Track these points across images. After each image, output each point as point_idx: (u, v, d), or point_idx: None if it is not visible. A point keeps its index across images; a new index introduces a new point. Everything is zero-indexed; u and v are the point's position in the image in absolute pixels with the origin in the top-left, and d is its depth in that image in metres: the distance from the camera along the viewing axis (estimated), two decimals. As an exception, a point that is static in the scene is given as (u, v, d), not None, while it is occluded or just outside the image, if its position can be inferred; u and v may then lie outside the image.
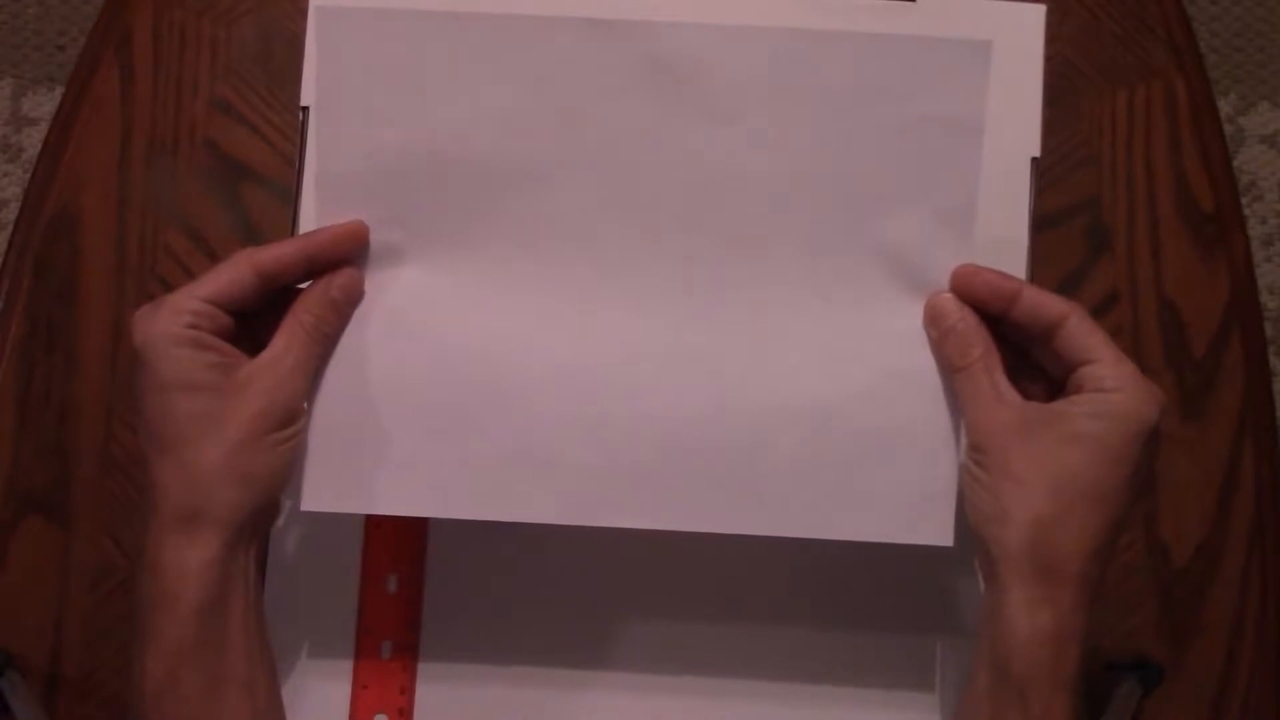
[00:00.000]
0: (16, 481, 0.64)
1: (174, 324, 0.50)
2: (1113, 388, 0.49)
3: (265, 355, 0.52)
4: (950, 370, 0.53)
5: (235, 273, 0.51)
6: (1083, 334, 0.50)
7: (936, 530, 0.54)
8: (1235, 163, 1.37)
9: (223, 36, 0.68)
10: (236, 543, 0.49)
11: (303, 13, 0.68)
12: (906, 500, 0.54)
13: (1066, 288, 0.67)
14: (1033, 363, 0.54)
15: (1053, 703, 0.47)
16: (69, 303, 0.65)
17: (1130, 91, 0.69)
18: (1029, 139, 0.67)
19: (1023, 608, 0.48)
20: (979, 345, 0.52)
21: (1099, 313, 0.67)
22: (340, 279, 0.54)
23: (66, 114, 0.67)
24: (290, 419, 0.51)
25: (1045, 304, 0.51)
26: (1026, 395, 0.52)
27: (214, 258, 0.66)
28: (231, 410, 0.50)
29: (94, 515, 0.63)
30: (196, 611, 0.48)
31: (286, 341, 0.52)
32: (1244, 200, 1.31)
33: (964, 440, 0.52)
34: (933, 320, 0.54)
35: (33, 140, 1.35)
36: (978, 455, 0.51)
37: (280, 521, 0.61)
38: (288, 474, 0.52)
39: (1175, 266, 0.68)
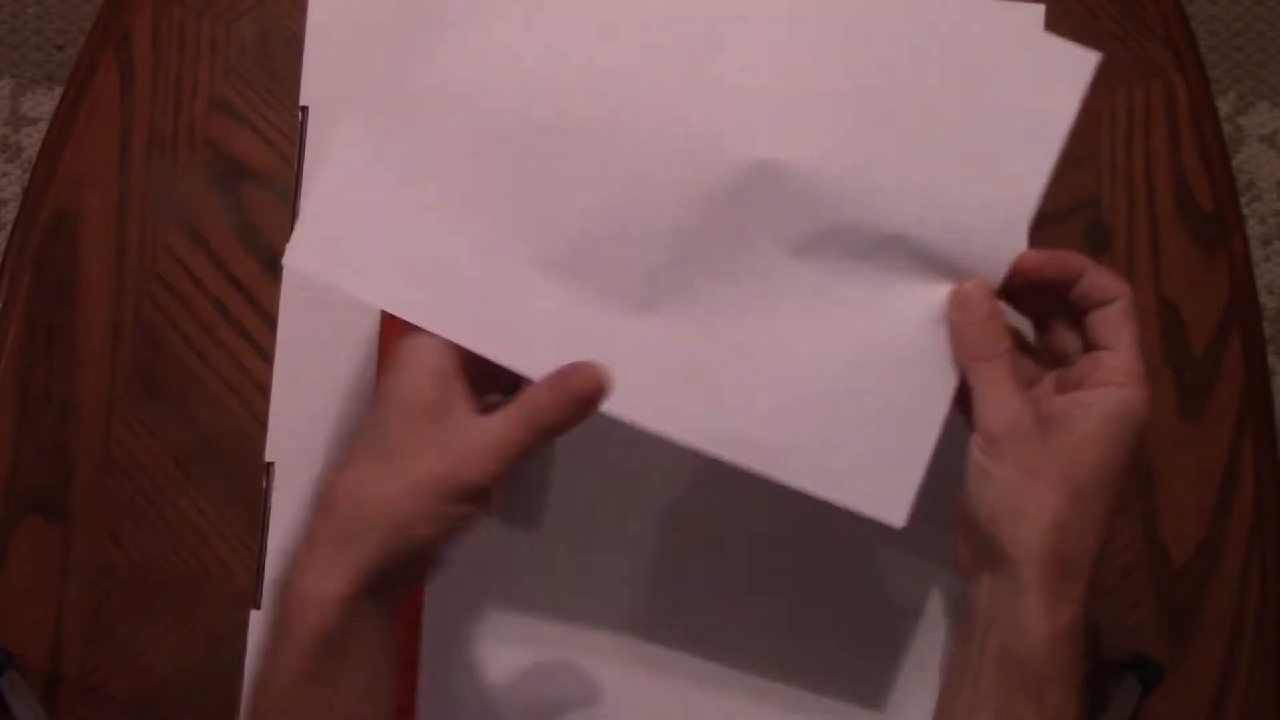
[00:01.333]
0: (16, 481, 0.64)
1: (434, 346, 0.48)
2: (1121, 383, 0.49)
3: (481, 422, 0.48)
4: (973, 359, 0.51)
5: None
6: (1119, 319, 0.50)
7: (892, 508, 0.51)
8: (1234, 162, 1.37)
9: (222, 36, 0.68)
10: (373, 586, 0.47)
11: (303, 12, 0.68)
12: (872, 469, 0.52)
13: (1066, 287, 0.67)
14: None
15: (1068, 699, 0.48)
16: (69, 303, 0.65)
17: (1129, 91, 0.69)
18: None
19: (1045, 608, 0.47)
20: (1008, 339, 0.51)
21: (1098, 312, 0.67)
22: (583, 379, 0.49)
23: (66, 114, 0.67)
24: (473, 497, 0.48)
25: (1101, 285, 0.51)
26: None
27: (213, 257, 0.66)
28: (422, 454, 0.47)
29: (94, 515, 0.64)
30: (318, 642, 0.46)
31: (503, 418, 0.48)
32: (1243, 200, 1.30)
33: (975, 434, 0.50)
34: (960, 307, 0.51)
35: (32, 140, 1.35)
36: (992, 448, 0.49)
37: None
38: (446, 546, 0.49)
39: (1175, 266, 0.68)
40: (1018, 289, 0.52)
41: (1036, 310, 0.54)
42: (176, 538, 0.63)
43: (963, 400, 0.51)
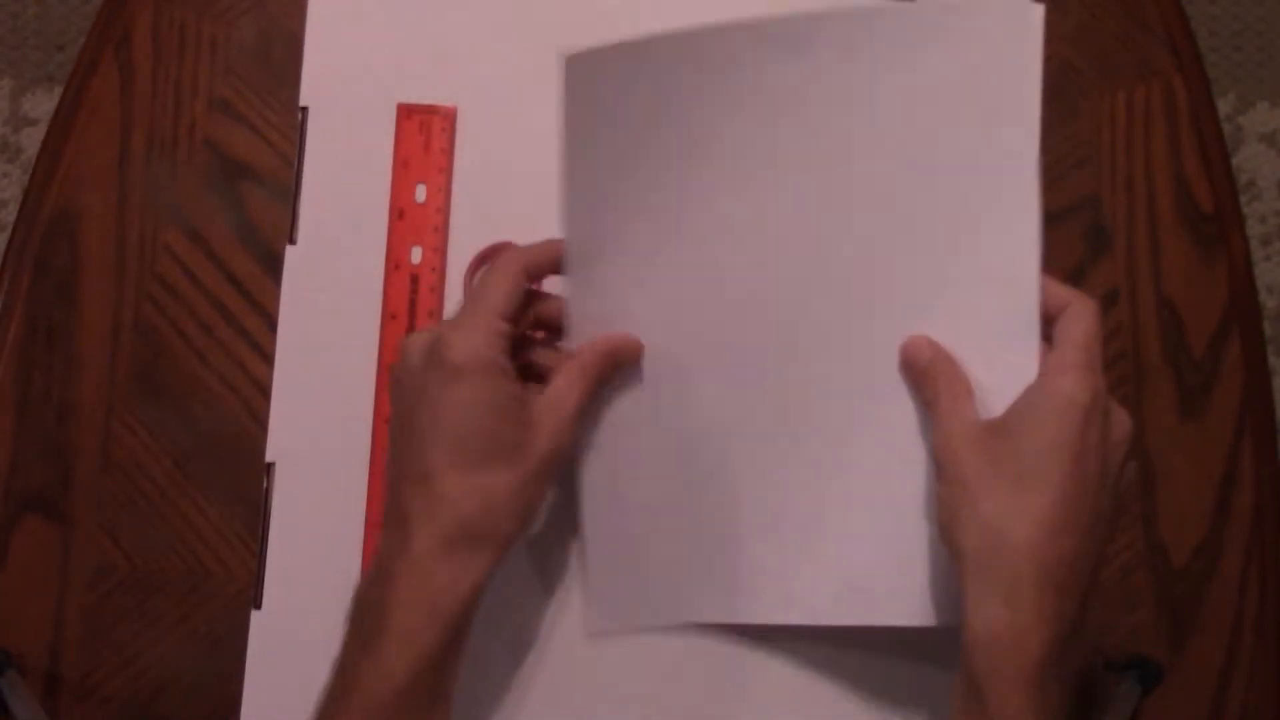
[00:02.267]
0: (16, 481, 0.64)
1: (492, 347, 0.52)
2: (1052, 375, 0.50)
3: (550, 396, 0.54)
4: (926, 399, 0.54)
5: (511, 282, 0.54)
6: (1067, 322, 0.51)
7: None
8: (1234, 162, 1.37)
9: (222, 36, 0.68)
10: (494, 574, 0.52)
11: (303, 12, 0.68)
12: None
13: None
14: None
15: (1009, 699, 0.47)
16: (69, 303, 0.65)
17: (1129, 91, 0.69)
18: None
19: (975, 605, 0.48)
20: (942, 378, 0.53)
21: (1098, 312, 0.67)
22: (625, 338, 0.56)
23: (66, 114, 0.67)
24: (564, 462, 0.54)
25: (1053, 294, 0.53)
26: None
27: (214, 257, 0.66)
28: (529, 444, 0.52)
29: (94, 515, 0.64)
30: (457, 626, 0.50)
31: (569, 384, 0.54)
32: (1243, 200, 1.30)
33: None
34: (907, 365, 0.55)
35: (32, 140, 1.35)
36: (938, 472, 0.52)
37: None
38: (541, 506, 0.54)
39: (1174, 266, 0.68)
40: None
41: None
42: (176, 538, 0.63)
43: None
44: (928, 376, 0.54)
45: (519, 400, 0.52)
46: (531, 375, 0.57)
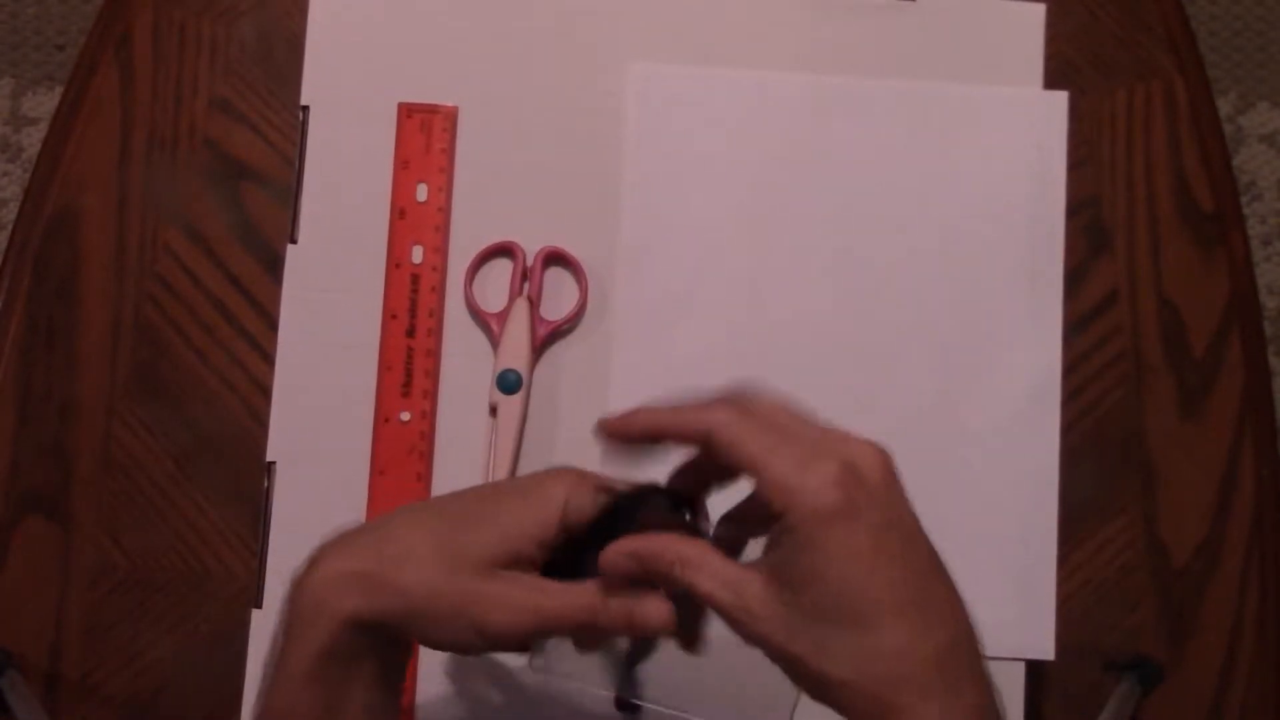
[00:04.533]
0: (16, 481, 0.64)
1: (567, 509, 0.46)
2: (783, 508, 0.42)
3: (544, 585, 0.46)
4: (679, 591, 0.45)
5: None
6: (730, 447, 0.43)
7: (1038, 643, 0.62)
8: (1235, 162, 1.37)
9: (223, 36, 0.68)
10: (381, 628, 0.46)
11: (303, 12, 0.68)
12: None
13: (1067, 287, 0.67)
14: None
15: None
16: (69, 302, 0.65)
17: (1130, 91, 0.69)
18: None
19: None
20: (671, 557, 0.44)
21: (1099, 312, 0.67)
22: (650, 616, 0.46)
23: (66, 114, 0.67)
24: (491, 636, 0.46)
25: (683, 423, 0.45)
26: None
27: (213, 257, 0.66)
28: (484, 578, 0.45)
29: (94, 515, 0.63)
30: (330, 659, 0.45)
31: (561, 593, 0.46)
32: (1243, 200, 1.30)
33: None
34: (618, 574, 0.46)
35: (33, 140, 1.35)
36: (764, 655, 0.44)
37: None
38: (446, 649, 0.48)
39: (1175, 266, 0.68)
40: (683, 482, 0.48)
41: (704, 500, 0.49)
42: (176, 538, 0.63)
43: None
44: (653, 570, 0.45)
45: (526, 561, 0.46)
46: None
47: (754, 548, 0.47)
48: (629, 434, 0.46)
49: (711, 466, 0.47)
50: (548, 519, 0.46)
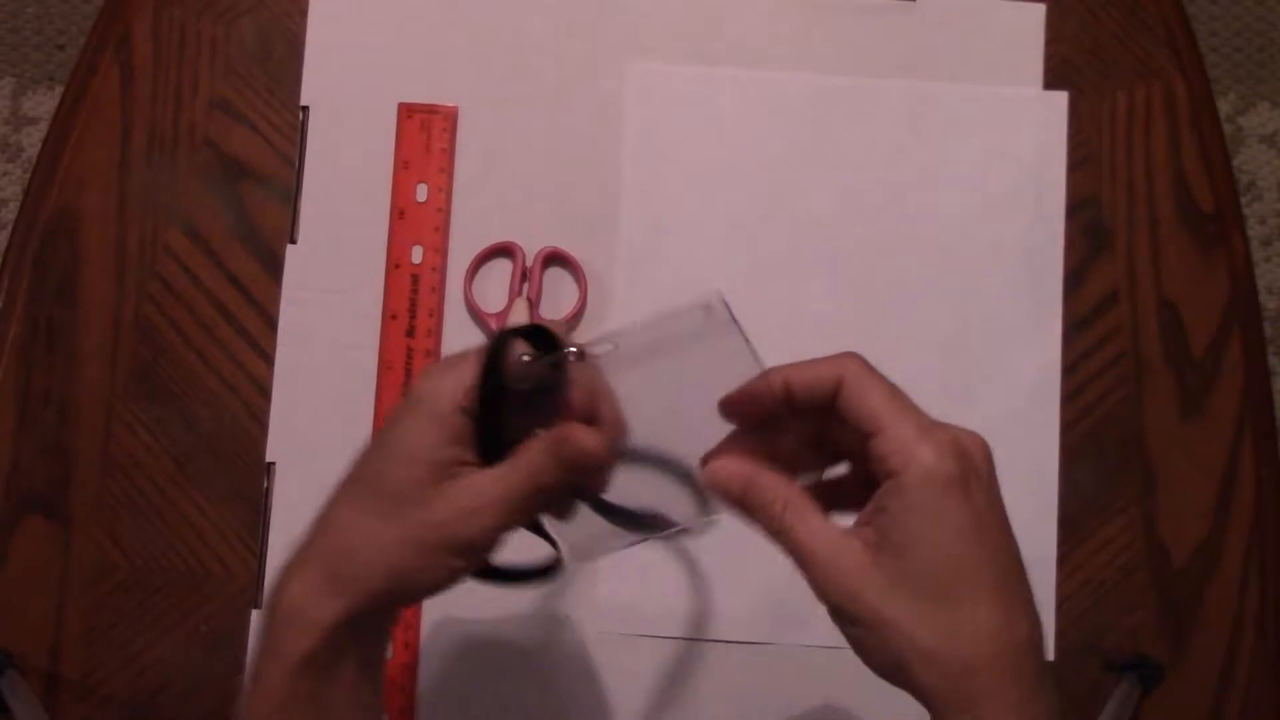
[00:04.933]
0: (16, 481, 0.64)
1: (451, 397, 0.46)
2: (900, 465, 0.42)
3: (481, 478, 0.46)
4: (770, 534, 0.45)
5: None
6: (859, 397, 0.44)
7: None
8: (1235, 163, 1.37)
9: (223, 36, 0.68)
10: (364, 619, 0.46)
11: (303, 12, 0.68)
12: None
13: (1067, 287, 0.67)
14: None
15: None
16: (68, 302, 0.65)
17: (1130, 91, 0.69)
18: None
19: None
20: (779, 497, 0.45)
21: (1099, 312, 0.67)
22: (579, 441, 0.45)
23: (66, 114, 0.67)
24: (465, 551, 0.46)
25: (814, 375, 0.44)
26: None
27: (214, 257, 0.66)
28: (425, 506, 0.46)
29: (94, 515, 0.63)
30: (306, 665, 0.46)
31: (502, 477, 0.46)
32: (1243, 200, 1.30)
33: (825, 610, 0.44)
34: (719, 491, 0.46)
35: (33, 140, 1.35)
36: (843, 620, 0.44)
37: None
38: (441, 589, 0.47)
39: (1175, 266, 0.68)
40: (775, 430, 0.46)
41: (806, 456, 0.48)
42: (176, 538, 0.63)
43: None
44: (755, 502, 0.45)
45: (448, 463, 0.46)
46: None
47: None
48: (763, 398, 0.45)
49: (808, 452, 0.46)
50: (444, 412, 0.46)
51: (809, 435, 0.46)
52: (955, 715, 0.42)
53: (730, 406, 0.46)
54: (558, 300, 0.66)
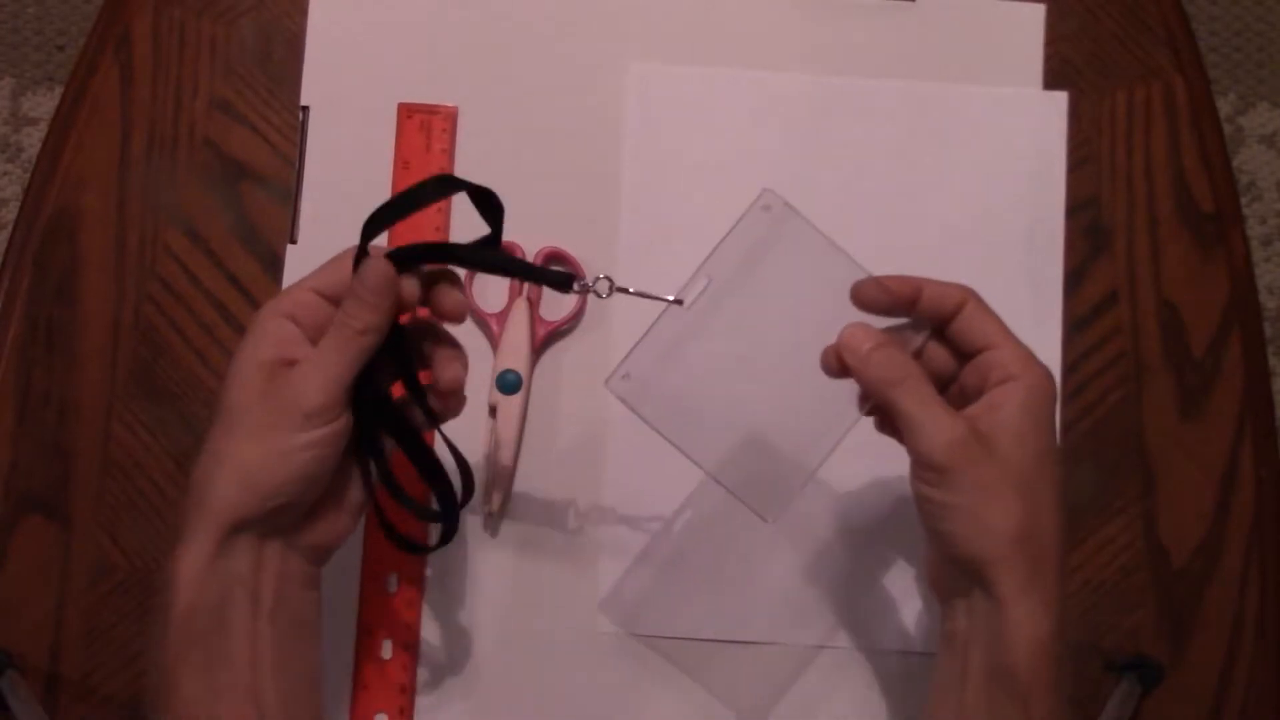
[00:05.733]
0: (16, 481, 0.64)
1: (273, 311, 0.49)
2: (1019, 373, 0.50)
3: (308, 353, 0.49)
4: (884, 389, 0.50)
5: (338, 266, 0.51)
6: (979, 319, 0.51)
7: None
8: (1235, 163, 1.37)
9: (222, 36, 0.68)
10: (234, 548, 0.48)
11: (303, 12, 0.68)
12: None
13: (1067, 287, 0.67)
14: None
15: (1055, 708, 0.48)
16: (68, 302, 0.65)
17: (1129, 91, 0.69)
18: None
19: (1025, 616, 0.48)
20: (908, 363, 0.51)
21: (1099, 312, 0.67)
22: (367, 276, 0.49)
23: (66, 114, 0.67)
24: (305, 424, 0.48)
25: (943, 293, 0.52)
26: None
27: (213, 257, 0.66)
28: (263, 402, 0.48)
29: (93, 515, 0.63)
30: (187, 616, 0.47)
31: (324, 344, 0.49)
32: (1243, 200, 1.30)
33: (916, 466, 0.50)
34: (850, 349, 0.51)
35: (33, 140, 1.35)
36: (936, 476, 0.49)
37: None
38: (299, 482, 0.49)
39: (1175, 266, 0.68)
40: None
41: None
42: (176, 538, 0.63)
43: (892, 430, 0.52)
44: (876, 376, 0.51)
45: (275, 362, 0.49)
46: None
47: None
48: (896, 292, 0.52)
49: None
50: (264, 325, 0.50)
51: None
52: (1009, 578, 0.48)
53: (863, 292, 0.52)
54: (558, 300, 0.66)
